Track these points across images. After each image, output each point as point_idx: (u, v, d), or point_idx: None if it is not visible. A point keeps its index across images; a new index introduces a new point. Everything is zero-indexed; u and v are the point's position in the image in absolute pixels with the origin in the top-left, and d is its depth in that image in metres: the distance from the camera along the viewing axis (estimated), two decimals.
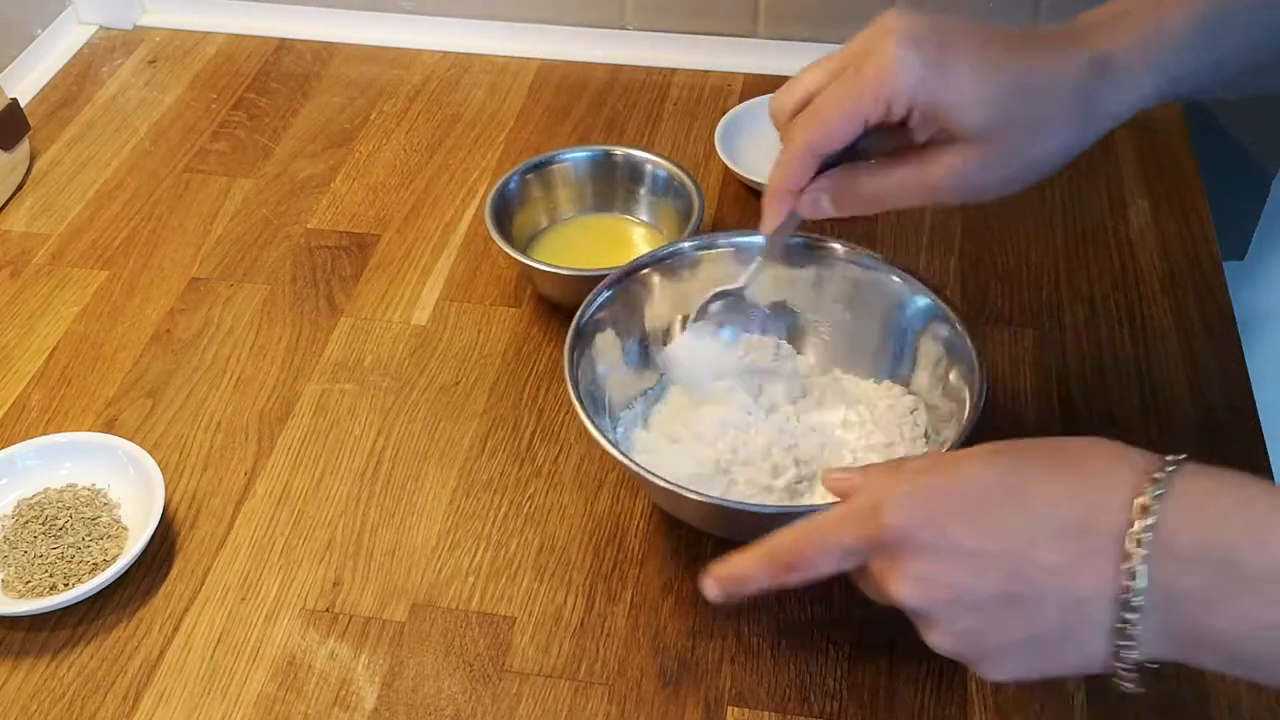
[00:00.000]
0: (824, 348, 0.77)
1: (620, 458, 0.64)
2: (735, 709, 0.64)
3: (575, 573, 0.70)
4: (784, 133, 0.61)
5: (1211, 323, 0.83)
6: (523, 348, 0.84)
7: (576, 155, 0.89)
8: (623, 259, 0.75)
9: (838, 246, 0.75)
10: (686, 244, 0.76)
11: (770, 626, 0.68)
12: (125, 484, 0.74)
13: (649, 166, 0.88)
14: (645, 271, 0.75)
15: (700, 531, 0.70)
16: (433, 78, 1.08)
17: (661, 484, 0.63)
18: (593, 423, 0.65)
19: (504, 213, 0.85)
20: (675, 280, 0.76)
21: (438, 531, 0.73)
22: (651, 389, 0.74)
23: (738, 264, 0.76)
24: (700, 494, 0.63)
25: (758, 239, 0.76)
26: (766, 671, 0.66)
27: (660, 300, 0.76)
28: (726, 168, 0.95)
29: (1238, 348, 0.81)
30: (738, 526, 0.66)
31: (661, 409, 0.74)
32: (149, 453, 0.74)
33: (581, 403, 0.67)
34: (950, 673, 0.65)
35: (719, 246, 0.76)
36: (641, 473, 0.63)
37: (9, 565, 0.71)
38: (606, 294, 0.73)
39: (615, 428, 0.72)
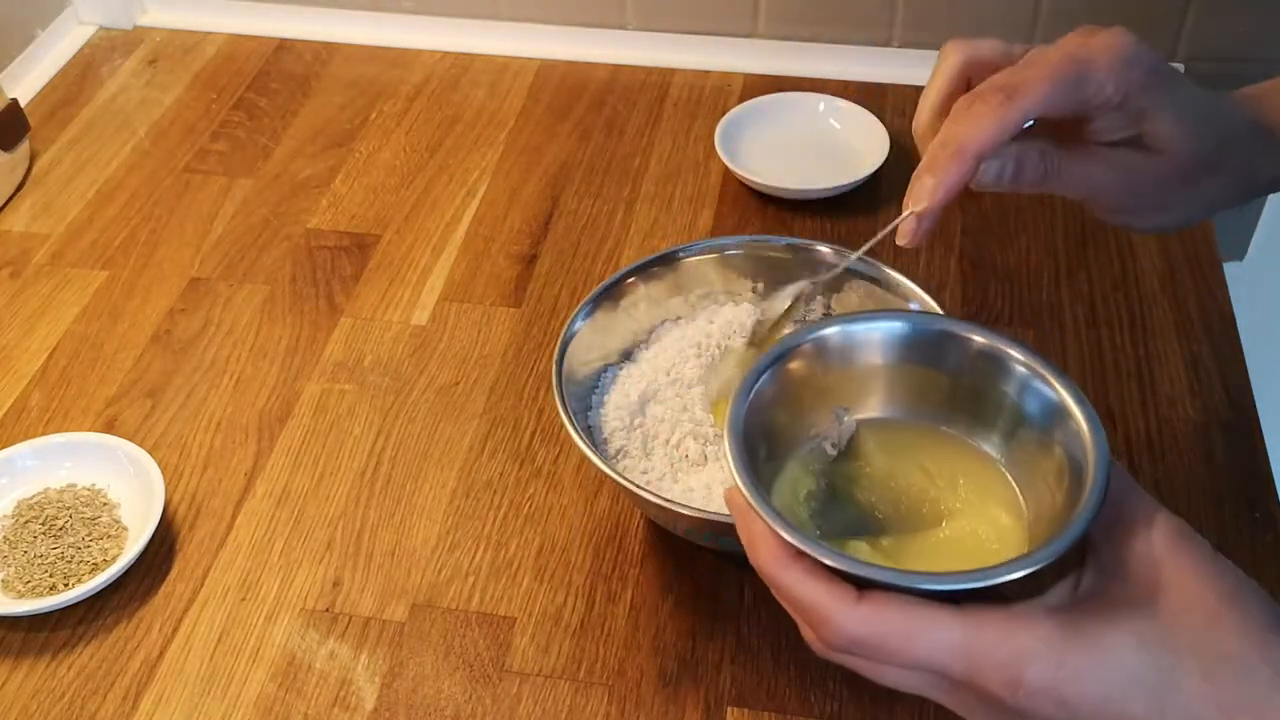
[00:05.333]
0: None
1: (612, 474, 0.64)
2: (735, 709, 0.64)
3: (575, 573, 0.70)
4: (959, 101, 0.54)
5: (1211, 323, 0.83)
6: (523, 348, 0.84)
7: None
8: None
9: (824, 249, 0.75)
10: (672, 250, 0.77)
11: (770, 626, 0.68)
12: (125, 484, 0.74)
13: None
14: (630, 280, 0.75)
15: None
16: (433, 78, 1.08)
17: (652, 498, 0.63)
18: (586, 443, 0.66)
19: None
20: (659, 286, 0.76)
21: (438, 532, 0.73)
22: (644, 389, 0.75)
23: (721, 269, 0.76)
24: (693, 508, 0.63)
25: (740, 249, 0.76)
26: (766, 671, 0.66)
27: (644, 306, 0.76)
28: (726, 168, 0.95)
29: (1238, 348, 0.81)
30: (730, 540, 0.67)
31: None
32: (149, 453, 0.74)
33: (573, 422, 0.67)
34: None
35: (703, 252, 0.77)
36: (631, 487, 0.64)
37: (9, 565, 0.71)
38: (588, 306, 0.73)
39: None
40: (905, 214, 0.55)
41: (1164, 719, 0.43)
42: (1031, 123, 0.53)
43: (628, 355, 0.76)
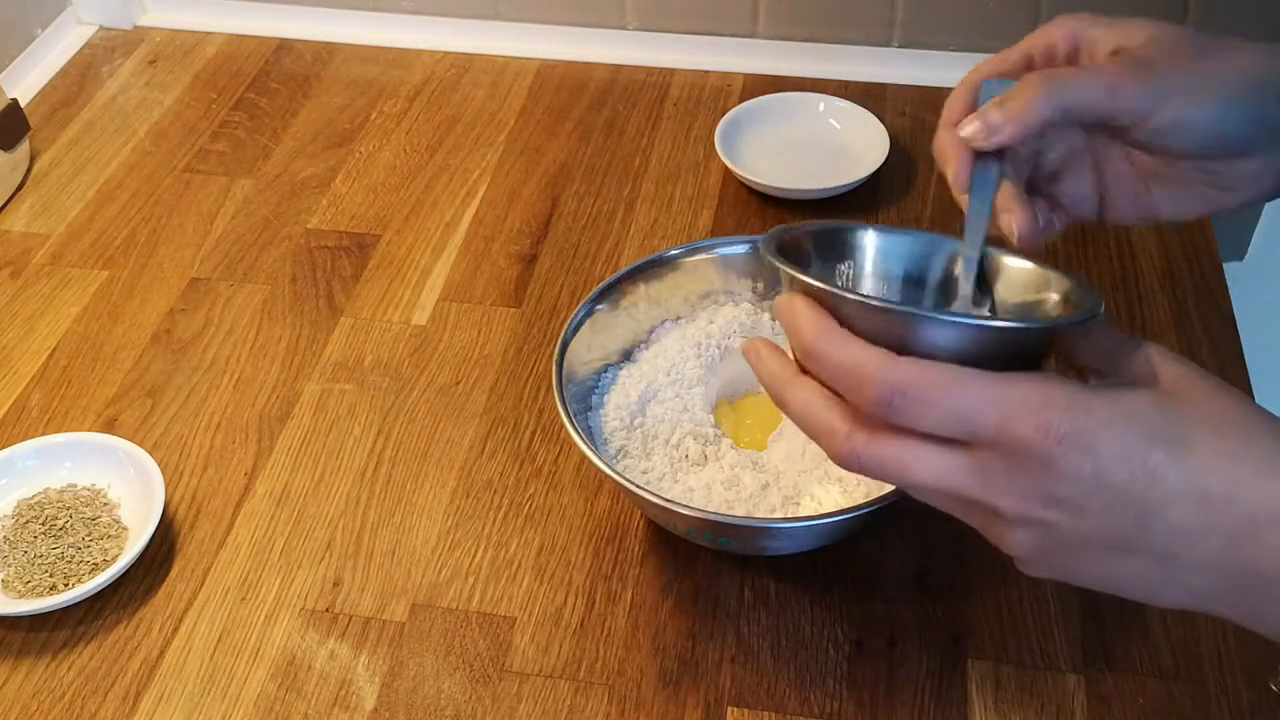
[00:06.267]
0: None
1: (612, 473, 0.64)
2: (735, 709, 0.64)
3: (575, 573, 0.70)
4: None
5: (1211, 323, 0.83)
6: (523, 348, 0.84)
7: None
8: None
9: None
10: (672, 250, 0.77)
11: (770, 626, 0.68)
12: (125, 484, 0.74)
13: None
14: (630, 280, 0.75)
15: None
16: (433, 78, 1.08)
17: (652, 498, 0.63)
18: (586, 443, 0.66)
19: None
20: (659, 286, 0.76)
21: (438, 531, 0.73)
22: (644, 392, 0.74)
23: (721, 269, 0.77)
24: (693, 508, 0.63)
25: (740, 248, 0.76)
26: (766, 671, 0.66)
27: (644, 306, 0.76)
28: (726, 168, 0.95)
29: (1238, 348, 0.81)
30: (730, 540, 0.67)
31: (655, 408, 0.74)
32: (149, 453, 0.74)
33: (573, 422, 0.67)
34: (950, 672, 0.65)
35: (703, 252, 0.77)
36: (631, 487, 0.64)
37: (9, 565, 0.71)
38: (588, 306, 0.73)
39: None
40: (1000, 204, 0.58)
41: (1182, 471, 0.45)
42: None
43: (628, 355, 0.76)
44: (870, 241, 0.60)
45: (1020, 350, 0.49)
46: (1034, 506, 0.46)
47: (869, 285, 0.60)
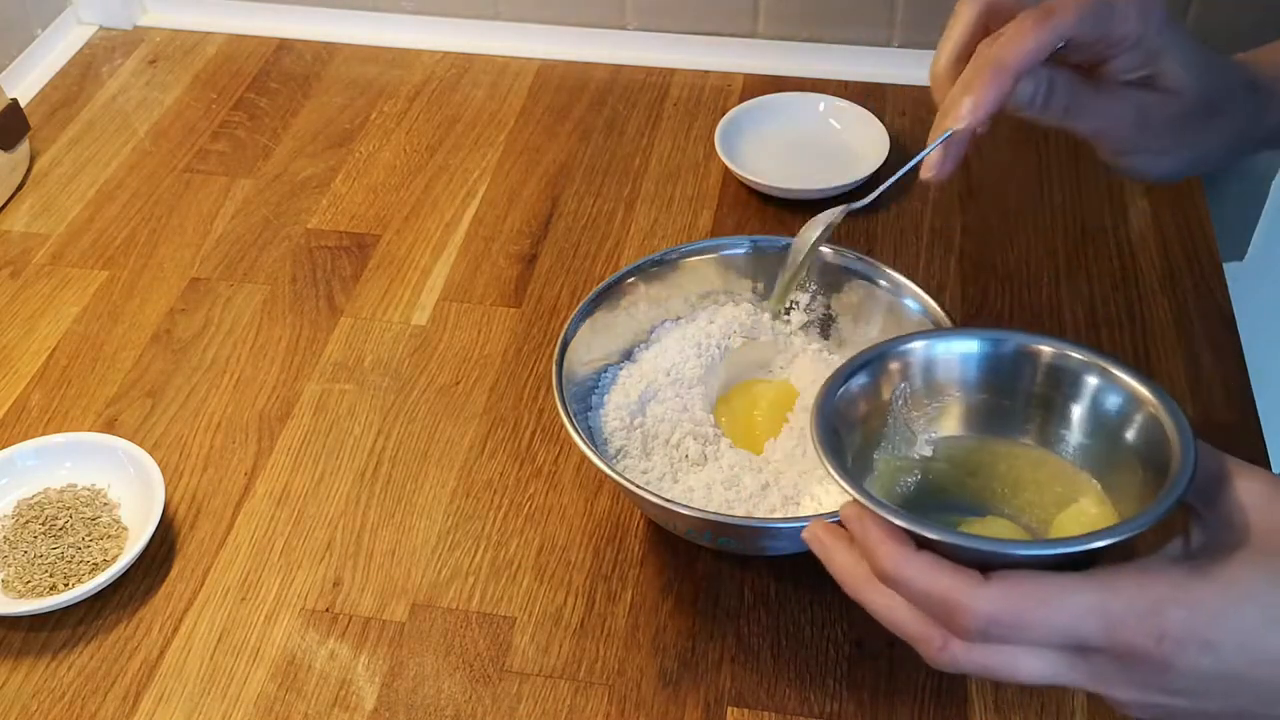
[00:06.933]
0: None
1: (612, 474, 0.64)
2: (735, 709, 0.64)
3: (575, 573, 0.70)
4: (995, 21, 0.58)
5: (1211, 323, 0.83)
6: (523, 348, 0.84)
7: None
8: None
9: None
10: (672, 250, 0.77)
11: (770, 626, 0.68)
12: (125, 484, 0.74)
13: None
14: (630, 280, 0.75)
15: None
16: (433, 78, 1.08)
17: (652, 498, 0.63)
18: (586, 443, 0.66)
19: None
20: (659, 286, 0.76)
21: (438, 531, 0.73)
22: (644, 392, 0.74)
23: (721, 269, 0.77)
24: (693, 508, 0.63)
25: (740, 249, 0.76)
26: (766, 671, 0.66)
27: (644, 306, 0.76)
28: (726, 168, 0.95)
29: (1238, 348, 0.81)
30: (730, 540, 0.67)
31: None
32: (149, 453, 0.74)
33: (573, 422, 0.67)
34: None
35: (703, 252, 0.77)
36: (631, 487, 0.64)
37: (9, 565, 0.71)
38: (588, 306, 0.74)
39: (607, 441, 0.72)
40: (939, 138, 0.57)
41: None
42: (1063, 45, 0.56)
43: (628, 355, 0.76)
44: (922, 352, 0.56)
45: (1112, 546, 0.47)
46: (1152, 695, 0.45)
47: (933, 397, 0.57)
